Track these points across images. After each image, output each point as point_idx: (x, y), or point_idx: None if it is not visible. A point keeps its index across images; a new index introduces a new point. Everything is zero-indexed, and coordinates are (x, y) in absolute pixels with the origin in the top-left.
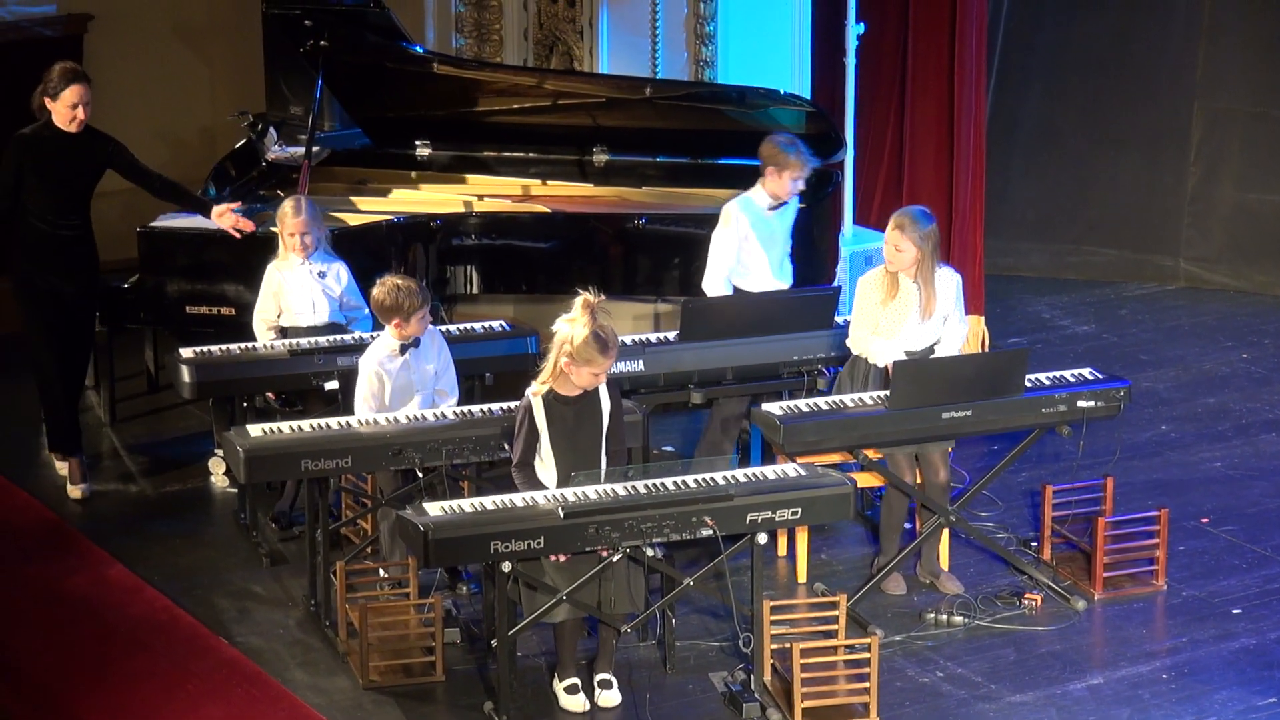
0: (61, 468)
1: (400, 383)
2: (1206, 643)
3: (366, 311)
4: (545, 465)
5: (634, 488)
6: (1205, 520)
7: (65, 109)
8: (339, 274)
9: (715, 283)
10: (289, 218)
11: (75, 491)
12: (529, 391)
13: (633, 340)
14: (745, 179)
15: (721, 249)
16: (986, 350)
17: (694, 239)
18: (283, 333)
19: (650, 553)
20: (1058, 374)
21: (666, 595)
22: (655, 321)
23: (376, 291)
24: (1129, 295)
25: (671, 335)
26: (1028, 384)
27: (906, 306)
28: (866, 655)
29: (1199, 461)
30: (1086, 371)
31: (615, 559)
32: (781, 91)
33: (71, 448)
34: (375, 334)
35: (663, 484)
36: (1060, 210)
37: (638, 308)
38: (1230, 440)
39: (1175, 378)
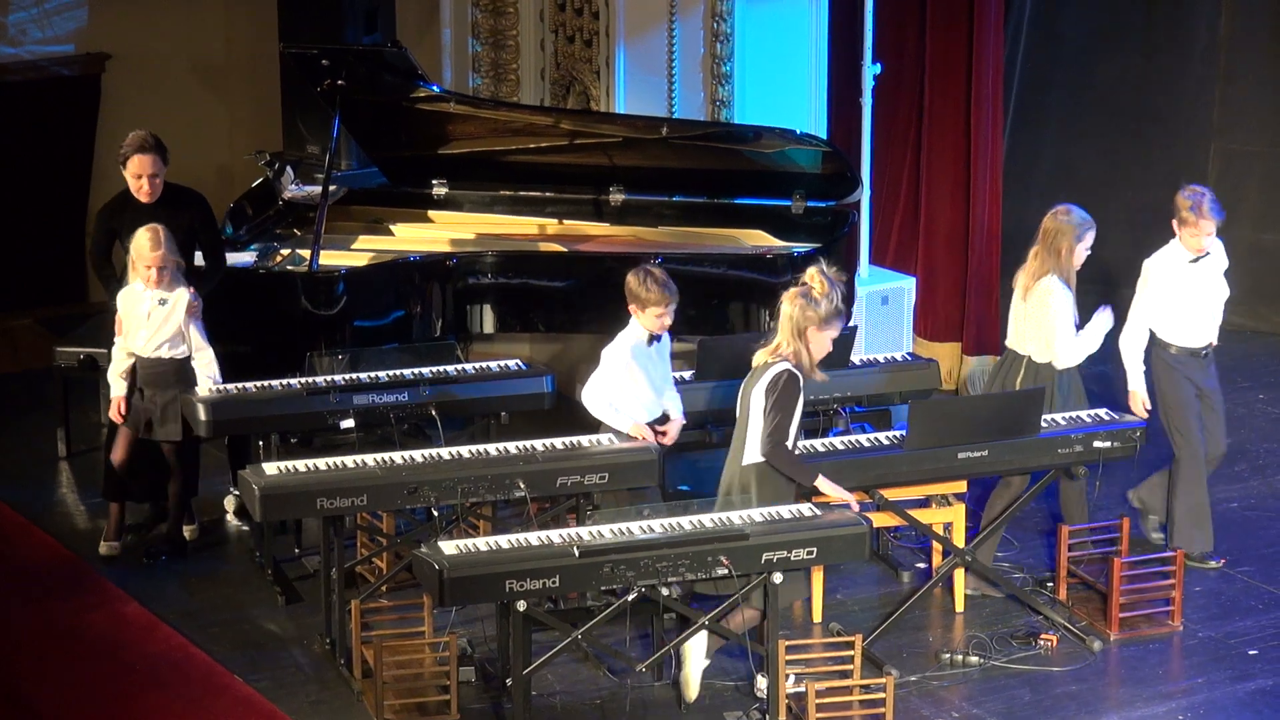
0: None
1: (647, 375)
2: (1223, 684)
3: (209, 350)
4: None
5: (650, 527)
6: (1222, 561)
7: (131, 179)
8: (180, 303)
9: (1130, 333)
10: (147, 251)
11: (105, 548)
12: (786, 366)
13: None
14: (761, 219)
15: (1136, 302)
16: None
17: (710, 279)
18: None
19: (665, 592)
20: (1074, 414)
21: (682, 635)
22: (671, 361)
23: (631, 277)
24: None
25: (687, 374)
26: (1044, 424)
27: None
28: (882, 695)
29: (1215, 502)
30: (1103, 412)
31: (632, 597)
32: (798, 131)
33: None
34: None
35: (678, 523)
36: None
37: None
38: (1247, 481)
39: None
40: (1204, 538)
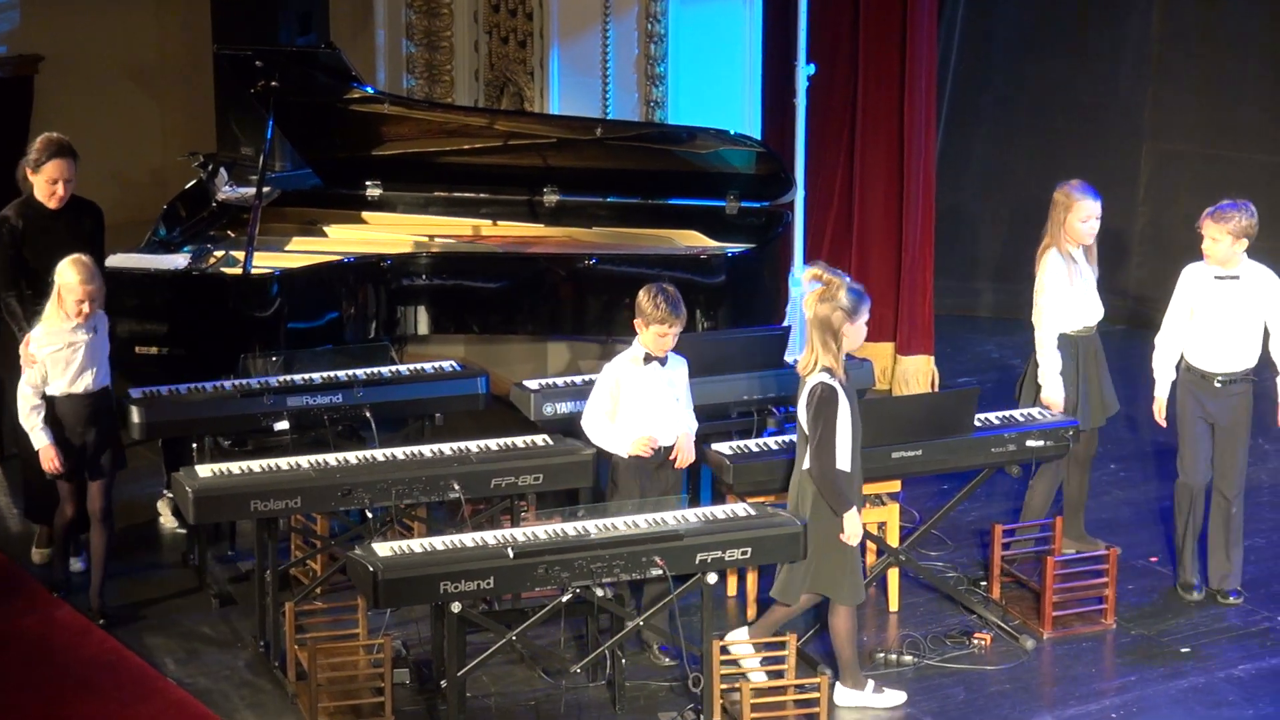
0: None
1: (639, 396)
2: (1155, 681)
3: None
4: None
5: (584, 528)
6: (1154, 559)
7: (45, 184)
8: (104, 326)
9: (1160, 338)
10: (79, 284)
11: (38, 555)
12: (820, 379)
13: (583, 380)
14: (696, 219)
15: (1167, 314)
16: (936, 390)
17: (645, 279)
18: (50, 403)
19: (600, 592)
20: (1007, 414)
21: (615, 635)
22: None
23: (642, 292)
24: None
25: None
26: (977, 423)
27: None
28: (816, 695)
29: (1148, 500)
30: (1035, 411)
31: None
32: (732, 132)
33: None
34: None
35: (613, 524)
36: (1010, 250)
37: (588, 348)
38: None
39: (1124, 416)
40: (1182, 570)
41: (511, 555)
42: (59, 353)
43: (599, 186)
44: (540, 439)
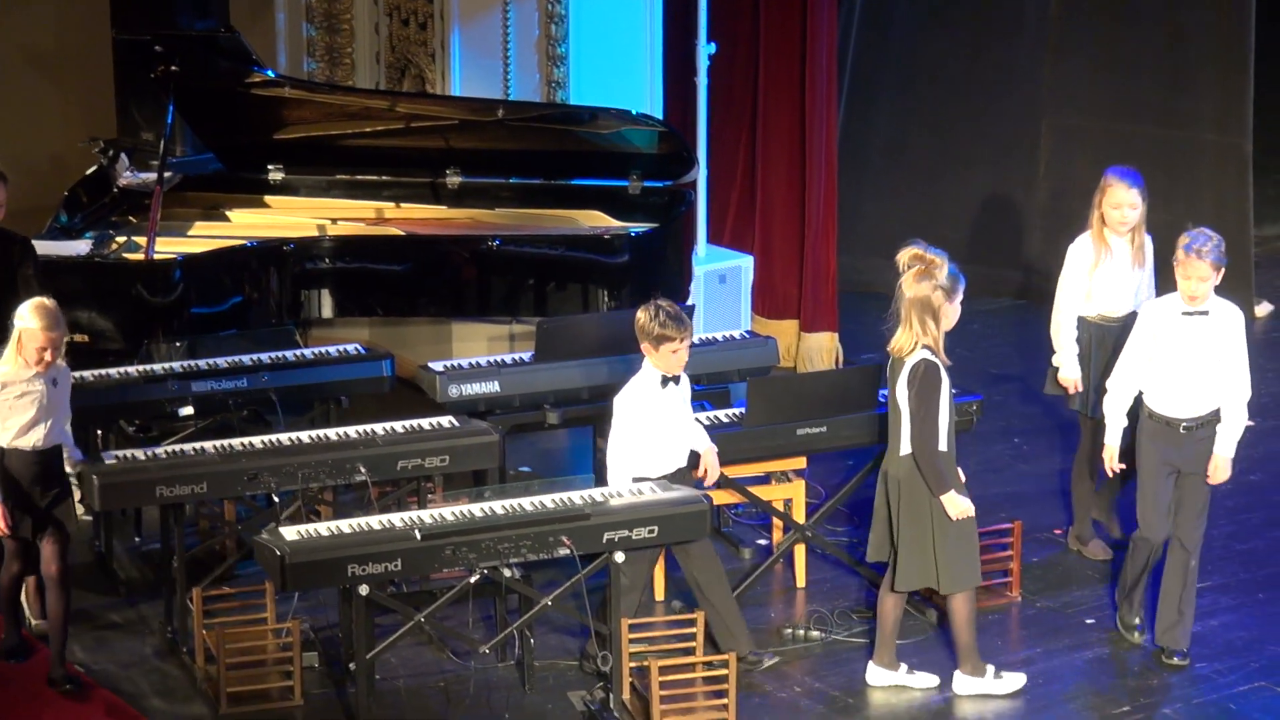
0: None
1: (664, 420)
2: (1061, 653)
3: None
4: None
5: (491, 509)
6: (1058, 531)
7: None
8: (65, 378)
9: (1113, 380)
10: (40, 331)
11: None
12: (922, 356)
13: (488, 361)
14: (599, 199)
15: (1124, 355)
16: (840, 366)
17: (547, 260)
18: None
19: (507, 573)
20: None
21: (524, 615)
22: (510, 342)
23: (640, 313)
24: (980, 310)
25: (527, 356)
26: (881, 399)
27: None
28: (725, 672)
29: (1051, 474)
30: None
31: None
32: (633, 112)
33: None
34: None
35: (519, 504)
36: (912, 226)
37: (492, 329)
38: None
39: (1026, 391)
40: (1129, 609)
41: (419, 537)
42: (9, 401)
43: (501, 168)
44: (446, 420)
